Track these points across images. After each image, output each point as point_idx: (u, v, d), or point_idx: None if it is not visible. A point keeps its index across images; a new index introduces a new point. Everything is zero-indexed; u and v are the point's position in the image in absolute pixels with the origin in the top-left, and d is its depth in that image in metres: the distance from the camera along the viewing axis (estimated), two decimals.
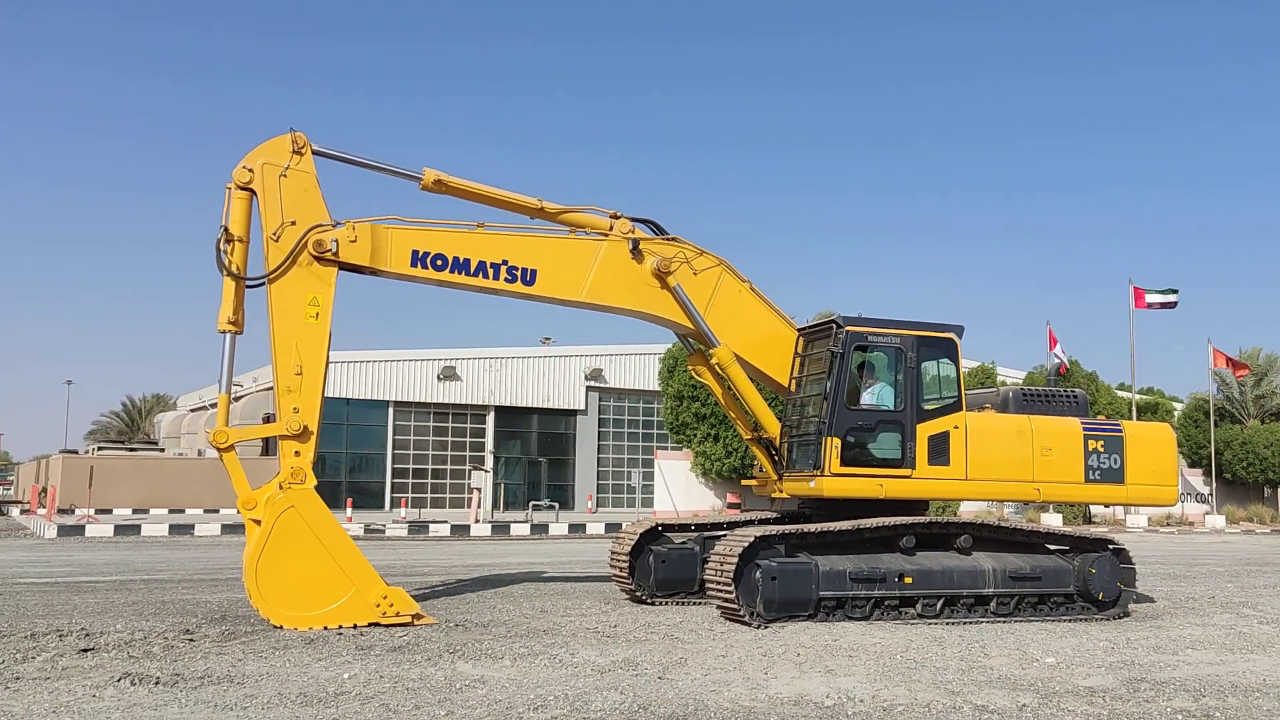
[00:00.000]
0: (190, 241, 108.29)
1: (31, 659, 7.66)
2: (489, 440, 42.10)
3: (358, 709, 6.30)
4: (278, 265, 9.89)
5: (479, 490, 29.36)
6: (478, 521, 27.68)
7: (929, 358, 11.12)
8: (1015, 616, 10.76)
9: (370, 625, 9.50)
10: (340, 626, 9.42)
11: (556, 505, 32.54)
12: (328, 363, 10.07)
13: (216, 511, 32.53)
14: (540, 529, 27.03)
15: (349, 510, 29.25)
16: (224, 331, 9.94)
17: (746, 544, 9.91)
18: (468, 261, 10.68)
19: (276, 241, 9.93)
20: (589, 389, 43.99)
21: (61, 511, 29.93)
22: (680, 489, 36.26)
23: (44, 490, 32.79)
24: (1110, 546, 11.40)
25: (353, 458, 40.25)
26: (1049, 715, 6.47)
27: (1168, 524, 38.58)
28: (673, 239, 11.54)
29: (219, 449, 9.74)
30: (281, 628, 9.27)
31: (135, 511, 32.13)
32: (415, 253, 10.54)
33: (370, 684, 7.00)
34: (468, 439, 42.00)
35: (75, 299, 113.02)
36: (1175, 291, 36.83)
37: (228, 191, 9.98)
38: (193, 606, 10.85)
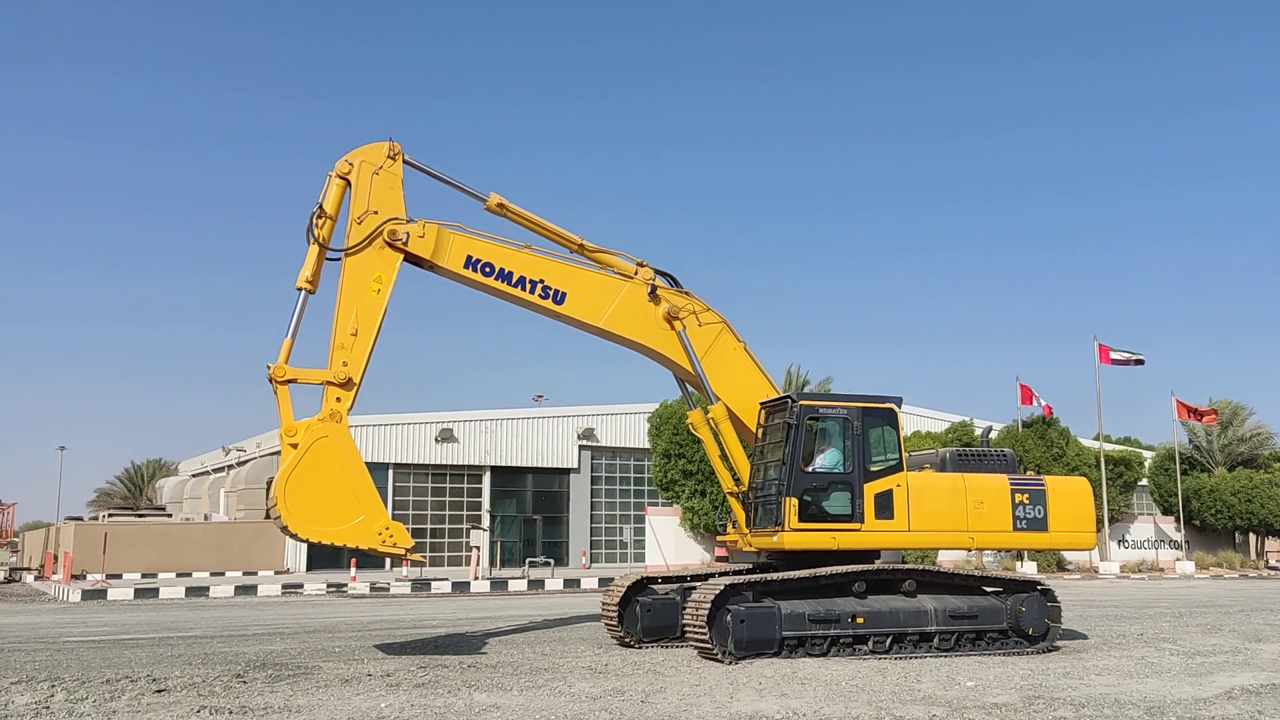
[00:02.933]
0: (179, 316, 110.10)
1: (119, 698, 9.17)
2: (485, 499, 43.48)
3: None
4: (356, 243, 12.01)
5: (478, 548, 30.80)
6: (477, 578, 29.06)
7: (873, 425, 12.71)
8: (955, 651, 12.27)
9: (370, 550, 11.27)
10: (345, 546, 11.20)
11: (552, 561, 33.96)
12: (378, 332, 11.93)
13: (223, 574, 33.85)
14: (537, 584, 28.40)
15: (353, 570, 30.58)
16: (300, 289, 11.90)
17: (718, 591, 11.48)
18: (511, 274, 12.69)
19: (359, 224, 12.05)
20: (581, 448, 45.49)
21: (75, 577, 31.17)
22: (670, 543, 37.69)
23: (55, 557, 34.06)
24: (1038, 588, 12.94)
25: None
26: (949, 719, 8.06)
27: (1140, 570, 40.07)
28: (686, 293, 13.48)
29: (276, 382, 11.43)
30: (298, 537, 10.95)
31: (144, 575, 33.40)
32: (469, 257, 12.58)
33: (404, 711, 8.53)
34: (465, 498, 43.38)
35: (65, 366, 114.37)
36: (1140, 355, 38.73)
37: (329, 178, 12.10)
38: (233, 657, 12.32)
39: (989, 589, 13.04)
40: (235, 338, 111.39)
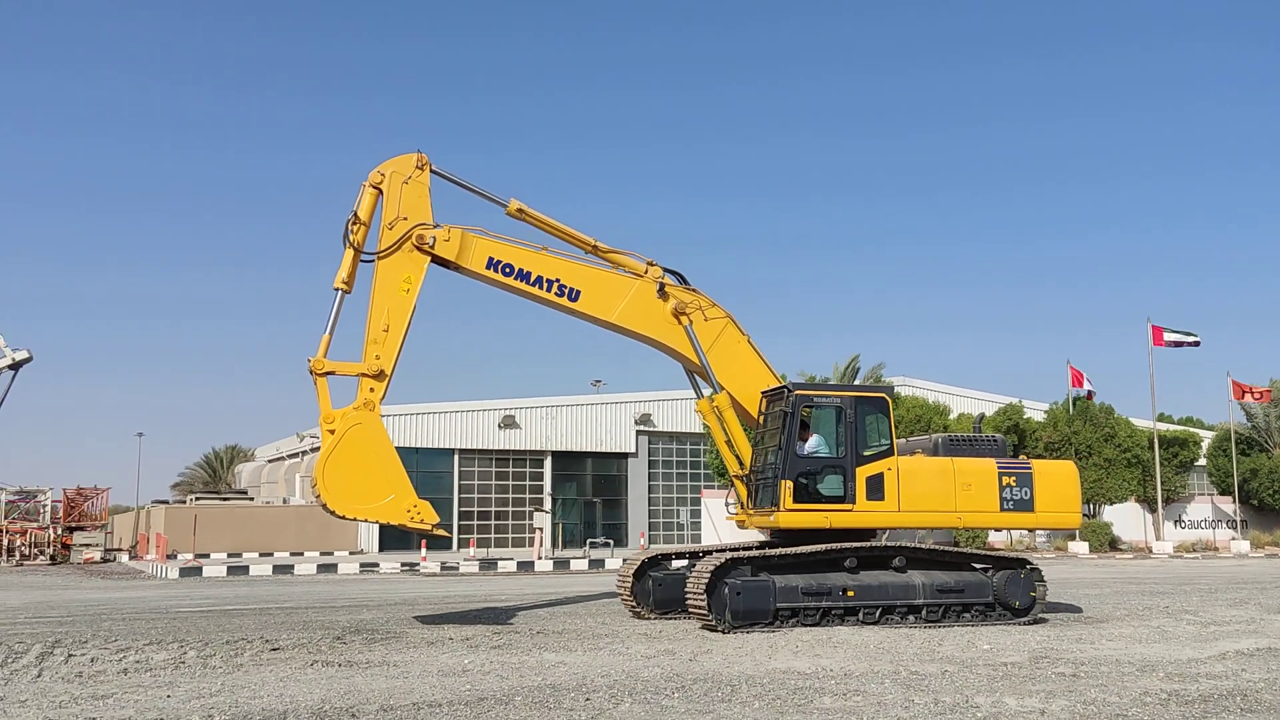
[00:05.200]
0: (253, 310, 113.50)
1: (242, 654, 10.67)
2: (547, 483, 45.04)
3: (480, 678, 9.20)
4: (387, 247, 13.29)
5: (541, 530, 32.33)
6: (540, 558, 30.59)
7: (867, 413, 13.59)
8: (942, 623, 13.04)
9: (400, 526, 12.64)
10: (378, 521, 12.58)
11: (611, 542, 35.38)
12: (408, 328, 13.21)
13: (301, 554, 35.80)
14: (597, 564, 29.82)
15: (423, 550, 32.26)
16: (337, 289, 13.23)
17: (717, 565, 12.57)
18: (529, 273, 13.89)
19: (390, 229, 13.33)
20: (639, 433, 46.84)
21: (168, 557, 33.32)
22: (725, 525, 38.87)
23: (148, 538, 36.34)
24: (1025, 564, 13.74)
25: None
26: (959, 675, 9.21)
27: (1194, 550, 40.35)
28: (693, 290, 14.50)
29: (315, 374, 12.76)
30: (335, 514, 12.38)
31: (230, 555, 35.51)
32: (491, 259, 13.80)
33: (485, 666, 9.89)
34: (527, 482, 45.01)
35: (142, 358, 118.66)
36: (1195, 335, 38.90)
37: (363, 187, 13.42)
38: (329, 624, 13.81)
39: (978, 565, 13.87)
40: (307, 328, 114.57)
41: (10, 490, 38.55)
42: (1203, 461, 46.36)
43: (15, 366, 36.16)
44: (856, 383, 42.78)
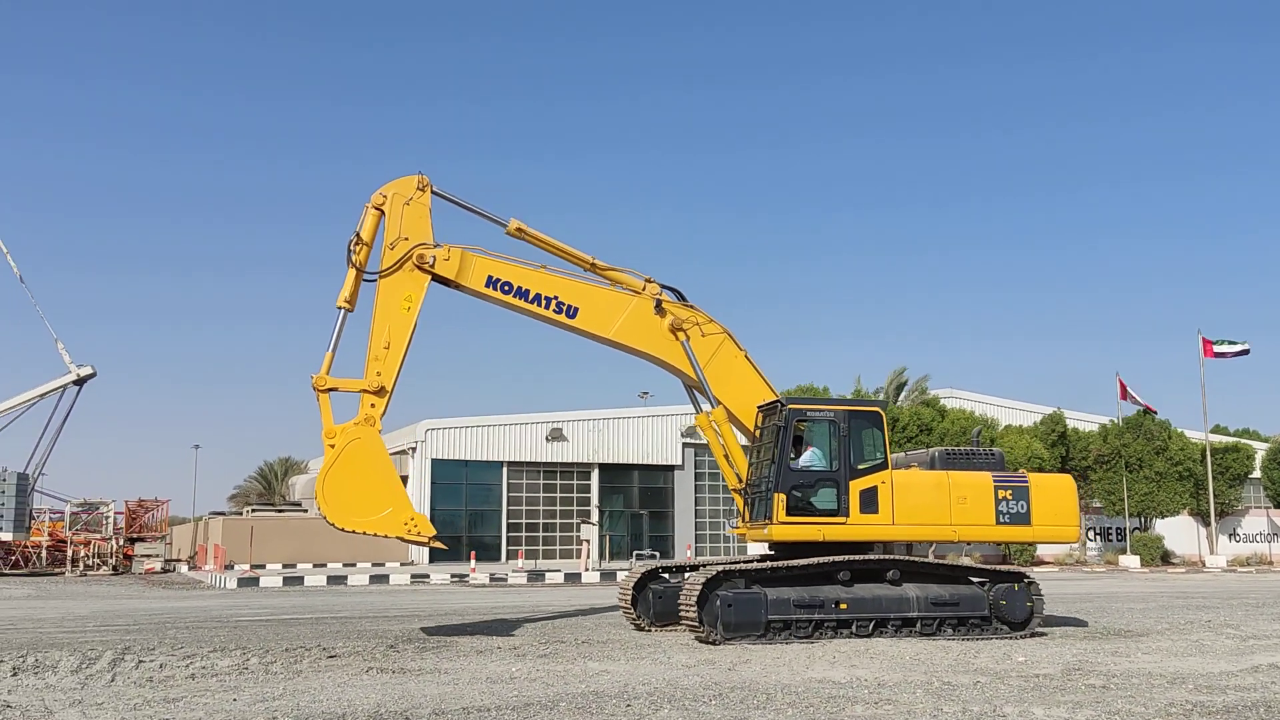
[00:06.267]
0: (303, 319, 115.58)
1: (300, 661, 11.19)
2: (594, 495, 45.50)
3: (527, 685, 9.62)
4: (389, 266, 13.68)
5: (588, 541, 32.76)
6: (588, 570, 31.01)
7: (860, 427, 13.69)
8: (938, 636, 13.02)
9: (397, 538, 12.99)
10: (376, 533, 12.88)
11: (657, 554, 35.68)
12: (408, 346, 13.59)
13: (354, 565, 36.57)
14: None
15: (472, 561, 32.86)
16: (340, 307, 13.66)
17: (708, 578, 12.76)
18: (528, 291, 14.19)
19: (392, 249, 13.72)
20: (685, 445, 47.13)
21: (226, 567, 34.24)
22: None
23: (206, 549, 37.34)
24: (1023, 579, 13.74)
25: (471, 514, 44.09)
26: (991, 685, 9.46)
27: (1248, 564, 39.80)
28: (690, 306, 14.69)
29: (318, 390, 13.19)
30: (335, 526, 12.78)
31: (285, 565, 36.37)
32: (490, 277, 14.14)
33: (531, 673, 10.31)
34: (575, 494, 45.50)
35: (197, 370, 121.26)
36: (1244, 343, 38.47)
37: (365, 209, 13.80)
38: (381, 633, 14.33)
39: (975, 579, 13.85)
40: (361, 339, 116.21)
41: (75, 502, 39.82)
42: (1258, 474, 45.64)
43: (80, 382, 37.47)
44: (902, 395, 42.78)
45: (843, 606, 12.97)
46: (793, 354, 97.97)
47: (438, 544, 13.46)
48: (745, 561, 13.85)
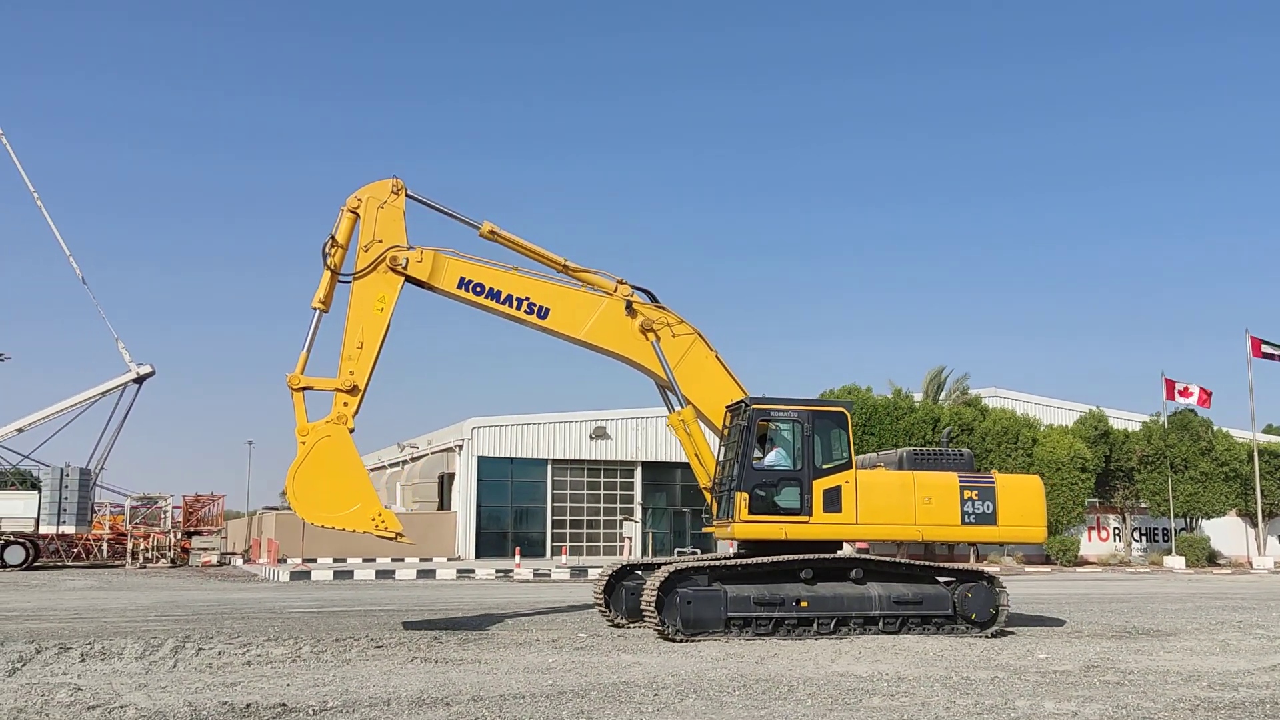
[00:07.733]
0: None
1: (350, 650, 11.81)
2: (637, 493, 46.01)
3: (562, 675, 10.14)
4: (363, 268, 14.06)
5: (630, 539, 33.27)
6: None
7: (825, 427, 13.83)
8: (901, 634, 13.06)
9: (365, 533, 13.34)
10: (344, 528, 13.24)
11: (698, 551, 35.93)
12: (381, 346, 13.93)
13: (402, 560, 37.42)
14: None
15: (517, 557, 33.49)
16: (315, 308, 14.01)
17: (668, 575, 12.94)
18: (499, 292, 14.51)
19: (366, 251, 14.12)
20: None
21: (279, 561, 35.23)
22: None
23: (260, 543, 38.42)
24: (984, 578, 13.84)
25: (517, 510, 44.80)
26: (1008, 681, 9.80)
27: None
28: (661, 307, 14.94)
29: (293, 389, 13.59)
30: (305, 520, 13.22)
31: (335, 560, 37.30)
32: (462, 279, 14.48)
33: (567, 664, 10.82)
34: (618, 492, 46.03)
35: (249, 366, 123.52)
36: None
37: (341, 211, 14.19)
38: (425, 626, 14.94)
39: (942, 578, 13.91)
40: (409, 338, 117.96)
41: (134, 497, 41.13)
42: None
43: (139, 380, 38.66)
44: (943, 395, 42.78)
45: (803, 604, 13.06)
46: (830, 352, 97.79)
47: (404, 539, 13.62)
48: (711, 559, 13.95)
